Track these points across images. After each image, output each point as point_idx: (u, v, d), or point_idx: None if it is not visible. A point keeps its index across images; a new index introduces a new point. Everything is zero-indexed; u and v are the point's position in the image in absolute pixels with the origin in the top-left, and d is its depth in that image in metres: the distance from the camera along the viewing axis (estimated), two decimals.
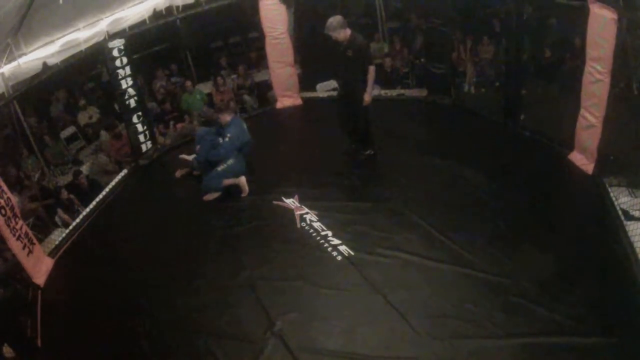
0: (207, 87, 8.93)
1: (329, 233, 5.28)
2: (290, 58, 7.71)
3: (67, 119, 8.51)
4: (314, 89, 8.42)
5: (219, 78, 8.67)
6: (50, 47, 5.96)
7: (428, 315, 4.27)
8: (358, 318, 4.34)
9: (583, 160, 5.83)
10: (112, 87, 6.85)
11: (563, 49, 7.59)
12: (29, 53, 5.80)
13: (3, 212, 4.81)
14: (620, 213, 5.08)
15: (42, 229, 6.15)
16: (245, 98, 8.59)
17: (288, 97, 8.03)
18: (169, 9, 7.22)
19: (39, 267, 5.33)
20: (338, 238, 5.19)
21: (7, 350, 4.46)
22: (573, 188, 5.72)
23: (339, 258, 4.98)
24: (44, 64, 5.88)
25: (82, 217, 6.22)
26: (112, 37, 6.47)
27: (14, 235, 4.94)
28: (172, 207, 6.17)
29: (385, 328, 4.22)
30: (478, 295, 4.38)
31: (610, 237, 4.86)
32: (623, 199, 5.24)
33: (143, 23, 6.82)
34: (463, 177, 5.87)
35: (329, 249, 5.09)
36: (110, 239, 5.85)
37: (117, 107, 7.53)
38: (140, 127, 7.00)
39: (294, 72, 7.90)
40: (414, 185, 5.82)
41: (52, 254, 5.69)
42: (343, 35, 5.59)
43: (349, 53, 5.62)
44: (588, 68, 5.37)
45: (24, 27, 5.53)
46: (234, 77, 9.00)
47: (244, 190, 6.06)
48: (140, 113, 6.96)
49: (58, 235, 6.02)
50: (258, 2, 7.33)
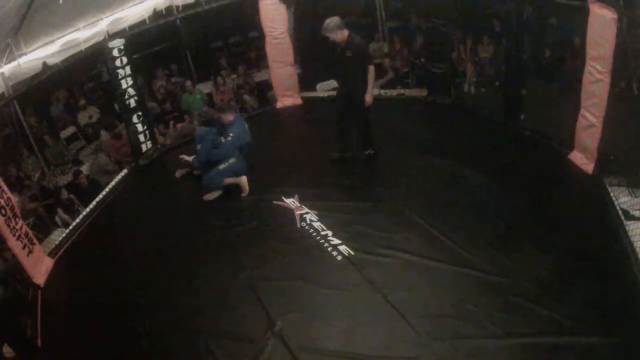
0: (207, 87, 8.93)
1: (329, 233, 5.28)
2: (290, 58, 7.71)
3: (67, 119, 8.50)
4: (314, 89, 8.42)
5: (219, 78, 8.68)
6: (50, 47, 5.97)
7: (428, 315, 4.27)
8: (358, 318, 4.34)
9: (583, 160, 5.83)
10: (112, 87, 6.85)
11: (563, 49, 7.59)
12: (29, 53, 5.81)
13: (3, 212, 4.81)
14: (620, 213, 5.08)
15: (42, 229, 6.15)
16: (245, 98, 8.59)
17: (288, 97, 8.03)
18: (169, 9, 7.23)
19: (39, 267, 5.33)
20: (338, 238, 5.19)
21: (7, 350, 4.45)
22: (573, 188, 5.72)
23: (339, 258, 4.98)
24: (44, 64, 5.89)
25: (82, 217, 6.22)
26: (112, 37, 6.47)
27: (14, 235, 4.95)
28: (172, 207, 6.17)
29: (385, 328, 4.22)
30: (478, 295, 4.38)
31: (610, 237, 4.86)
32: (623, 199, 5.23)
33: (143, 23, 6.83)
34: (463, 177, 5.87)
35: (329, 249, 5.09)
36: (110, 239, 5.85)
37: (117, 107, 7.53)
38: (140, 127, 7.00)
39: (294, 72, 7.91)
40: (414, 185, 5.82)
41: (52, 254, 5.69)
42: (341, 36, 5.58)
43: (348, 54, 5.61)
44: (588, 68, 5.37)
45: (24, 27, 5.54)
46: (234, 77, 9.00)
47: (244, 190, 6.06)
48: (140, 113, 6.96)
49: (58, 235, 6.02)
50: (258, 2, 7.33)
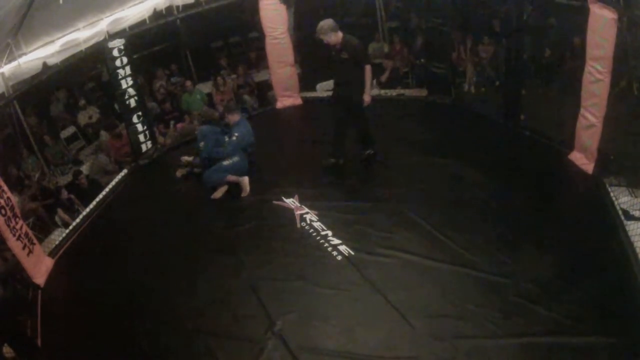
0: (207, 87, 8.93)
1: (329, 233, 5.28)
2: (290, 58, 7.71)
3: (67, 119, 8.50)
4: (314, 89, 8.42)
5: (219, 78, 8.68)
6: (50, 47, 5.97)
7: (428, 315, 4.27)
8: (358, 318, 4.34)
9: (583, 160, 5.83)
10: (112, 87, 6.85)
11: (563, 49, 7.59)
12: (29, 53, 5.81)
13: (3, 212, 4.81)
14: (620, 213, 5.08)
15: (42, 229, 6.15)
16: (245, 98, 8.58)
17: (288, 97, 8.03)
18: (169, 9, 7.23)
19: (39, 267, 5.33)
20: (338, 238, 5.19)
21: (7, 350, 4.45)
22: (573, 188, 5.72)
23: (339, 258, 4.98)
24: (44, 64, 5.90)
25: (82, 217, 6.23)
26: (112, 37, 6.47)
27: (14, 235, 4.95)
28: (172, 207, 6.17)
29: (385, 328, 4.22)
30: (478, 295, 4.38)
31: (610, 237, 4.86)
32: (623, 199, 5.23)
33: (143, 23, 6.83)
34: (463, 176, 5.87)
35: (329, 249, 5.09)
36: (110, 239, 5.85)
37: (117, 107, 7.53)
38: (140, 127, 7.00)
39: (294, 72, 7.91)
40: (414, 185, 5.82)
41: (52, 254, 5.69)
42: (335, 38, 5.57)
43: (344, 55, 5.60)
44: (588, 68, 5.37)
45: (24, 27, 5.54)
46: (234, 77, 9.00)
47: (245, 191, 6.06)
48: (140, 113, 6.96)
49: (58, 235, 6.03)
50: (258, 2, 7.33)
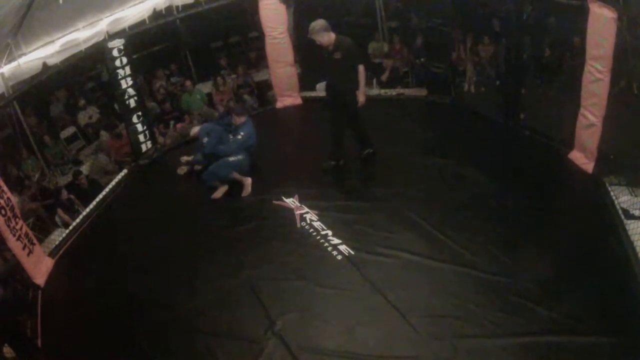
0: (207, 87, 8.93)
1: (329, 232, 5.28)
2: (290, 58, 7.71)
3: (67, 119, 8.50)
4: (314, 89, 8.41)
5: (219, 78, 8.68)
6: (50, 47, 5.97)
7: (428, 315, 4.27)
8: (358, 318, 4.34)
9: (583, 159, 5.83)
10: (112, 87, 6.85)
11: (563, 48, 7.59)
12: (29, 53, 5.81)
13: (3, 212, 4.81)
14: (621, 212, 5.07)
15: (42, 229, 6.15)
16: (245, 98, 8.58)
17: (288, 97, 8.03)
18: (169, 9, 7.22)
19: (39, 267, 5.33)
20: (338, 237, 5.19)
21: (7, 350, 4.46)
22: (573, 187, 5.72)
23: (339, 257, 4.98)
24: (44, 64, 5.89)
25: (82, 217, 6.23)
26: (112, 37, 6.47)
27: (14, 236, 4.95)
28: (172, 207, 6.16)
29: (385, 328, 4.22)
30: (478, 295, 4.38)
31: (610, 236, 4.86)
32: (623, 198, 5.23)
33: (143, 23, 6.83)
34: (463, 176, 5.87)
35: (329, 249, 5.09)
36: (110, 239, 5.85)
37: (117, 107, 7.53)
38: (140, 127, 7.00)
39: (294, 72, 7.90)
40: (414, 185, 5.82)
41: (52, 254, 5.69)
42: (327, 39, 5.54)
43: (337, 55, 5.56)
44: (588, 67, 5.37)
45: (24, 27, 5.54)
46: (234, 76, 9.00)
47: (246, 191, 6.06)
48: (140, 113, 6.96)
49: (58, 235, 6.03)
50: (258, 2, 7.33)
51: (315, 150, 6.57)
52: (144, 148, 7.15)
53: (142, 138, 7.08)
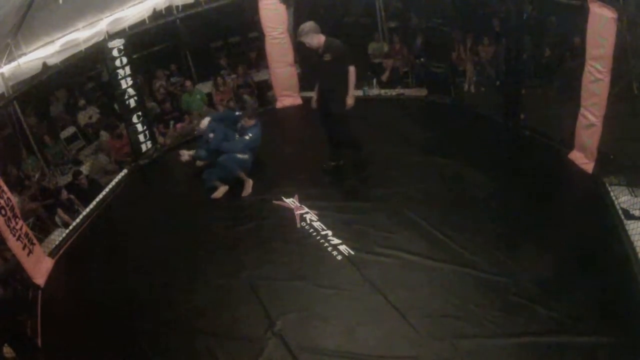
0: (207, 87, 8.93)
1: (329, 232, 5.28)
2: (290, 58, 7.71)
3: (67, 119, 8.50)
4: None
5: (219, 78, 8.68)
6: (50, 47, 5.97)
7: (428, 315, 4.27)
8: (358, 318, 4.34)
9: (583, 159, 5.83)
10: (112, 87, 6.85)
11: (563, 48, 7.59)
12: (29, 53, 5.81)
13: (3, 212, 4.81)
14: (621, 212, 5.07)
15: (42, 229, 6.15)
16: (245, 98, 8.58)
17: (288, 97, 8.02)
18: (169, 9, 7.23)
19: (39, 267, 5.33)
20: (338, 237, 5.19)
21: (7, 350, 4.46)
22: (573, 187, 5.72)
23: (339, 258, 4.98)
24: (44, 64, 5.89)
25: (82, 217, 6.23)
26: (112, 37, 6.48)
27: (14, 236, 4.95)
28: (172, 207, 6.16)
29: (385, 328, 4.22)
30: (478, 295, 4.38)
31: (610, 236, 4.86)
32: (623, 198, 5.23)
33: (143, 23, 6.83)
34: (463, 176, 5.87)
35: (329, 249, 5.09)
36: (110, 239, 5.86)
37: (117, 107, 7.53)
38: (140, 127, 7.01)
39: (294, 72, 7.90)
40: (414, 185, 5.82)
41: (52, 254, 5.69)
42: (317, 41, 5.45)
43: (327, 57, 5.46)
44: (588, 67, 5.36)
45: (24, 27, 5.54)
46: (234, 77, 9.00)
47: (246, 191, 6.06)
48: (140, 113, 6.96)
49: (58, 235, 6.03)
50: (258, 2, 7.33)
51: (315, 150, 6.57)
52: (144, 148, 7.15)
53: (142, 138, 7.08)
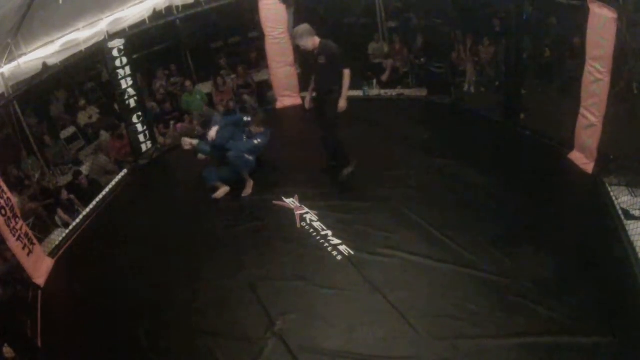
0: (207, 87, 8.93)
1: (329, 233, 5.28)
2: (290, 58, 7.71)
3: (67, 119, 8.50)
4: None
5: (219, 78, 8.68)
6: (50, 47, 5.97)
7: (428, 315, 4.27)
8: (358, 318, 4.34)
9: (583, 160, 5.83)
10: (112, 87, 6.85)
11: (563, 48, 7.59)
12: (29, 53, 5.81)
13: (3, 212, 4.82)
14: (621, 212, 5.07)
15: (42, 229, 6.15)
16: (245, 98, 8.58)
17: (288, 97, 8.03)
18: (169, 9, 7.22)
19: (39, 267, 5.34)
20: (338, 238, 5.19)
21: (7, 351, 4.45)
22: (573, 187, 5.72)
23: (339, 258, 4.97)
24: (44, 64, 5.89)
25: (82, 217, 6.24)
26: (112, 37, 6.48)
27: (14, 236, 4.95)
28: (172, 207, 6.17)
29: (385, 328, 4.22)
30: (478, 295, 4.38)
31: (610, 236, 4.86)
32: (623, 198, 5.23)
33: (143, 23, 6.83)
34: (463, 176, 5.86)
35: (329, 249, 5.09)
36: (111, 239, 5.85)
37: (117, 107, 7.54)
38: (140, 127, 7.01)
39: (294, 72, 7.90)
40: (414, 185, 5.82)
41: (52, 254, 5.70)
42: (312, 43, 5.43)
43: (322, 60, 5.45)
44: (588, 67, 5.37)
45: (24, 27, 5.54)
46: (234, 77, 9.00)
47: (246, 191, 6.06)
48: (140, 113, 6.96)
49: (58, 235, 6.04)
50: (258, 2, 7.33)
51: (315, 151, 6.55)
52: (144, 148, 7.15)
53: (142, 138, 7.08)
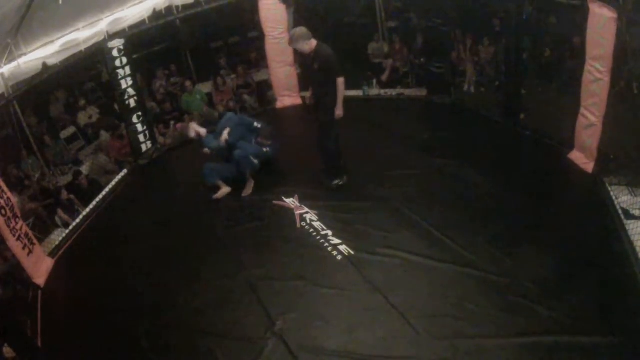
0: (207, 87, 8.93)
1: (329, 232, 5.28)
2: (290, 58, 7.70)
3: (67, 119, 8.50)
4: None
5: (219, 78, 8.68)
6: (50, 47, 5.97)
7: (428, 315, 4.27)
8: (358, 318, 4.34)
9: (583, 159, 5.83)
10: (112, 87, 6.85)
11: (563, 48, 7.59)
12: (29, 53, 5.81)
13: (3, 212, 4.82)
14: (621, 212, 5.07)
15: (42, 229, 6.15)
16: (245, 98, 8.58)
17: (288, 97, 8.03)
18: (169, 9, 7.22)
19: (39, 267, 5.34)
20: (338, 237, 5.19)
21: (7, 351, 4.45)
22: (573, 187, 5.72)
23: (339, 258, 4.98)
24: (44, 64, 5.89)
25: (82, 217, 6.24)
26: (112, 37, 6.48)
27: (14, 236, 4.95)
28: (171, 207, 6.17)
29: (385, 328, 4.22)
30: (478, 295, 4.38)
31: (611, 236, 4.86)
32: (623, 198, 5.23)
33: (143, 23, 6.83)
34: (463, 176, 5.87)
35: (329, 249, 5.09)
36: (111, 239, 5.85)
37: (117, 107, 7.54)
38: (140, 127, 7.01)
39: (294, 72, 7.90)
40: (414, 185, 5.82)
41: (52, 254, 5.70)
42: (308, 47, 5.24)
43: (316, 66, 5.29)
44: (588, 67, 5.37)
45: (24, 27, 5.54)
46: (234, 77, 9.00)
47: (246, 191, 6.06)
48: (140, 113, 6.96)
49: (58, 235, 6.04)
50: (258, 2, 7.33)
51: (315, 151, 6.57)
52: (144, 148, 7.15)
53: (142, 138, 7.08)
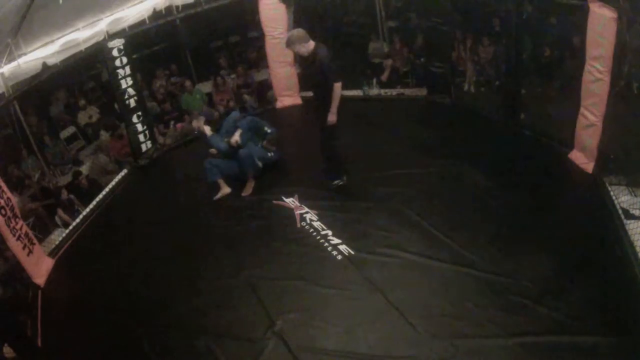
0: (207, 87, 8.93)
1: (329, 232, 5.28)
2: (290, 58, 7.69)
3: (67, 119, 8.50)
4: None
5: (219, 78, 8.68)
6: (50, 47, 5.97)
7: (428, 315, 4.27)
8: (358, 318, 4.34)
9: (583, 159, 5.83)
10: (112, 87, 6.85)
11: (563, 48, 7.59)
12: (29, 53, 5.82)
13: (3, 212, 4.82)
14: (621, 212, 5.07)
15: (42, 229, 6.16)
16: (245, 98, 8.59)
17: (288, 97, 8.03)
18: (169, 9, 7.22)
19: (39, 267, 5.34)
20: (338, 237, 5.19)
21: (7, 350, 4.46)
22: (573, 187, 5.71)
23: (339, 257, 4.98)
24: (44, 64, 5.89)
25: (82, 217, 6.24)
26: (112, 37, 6.48)
27: (14, 235, 4.95)
28: (172, 207, 6.17)
29: (385, 327, 4.22)
30: (478, 295, 4.38)
31: (610, 236, 4.85)
32: (623, 198, 5.23)
33: (143, 23, 6.83)
34: (463, 176, 5.87)
35: (329, 249, 5.09)
36: (110, 239, 5.85)
37: (117, 107, 7.54)
38: (140, 127, 7.01)
39: (294, 71, 7.90)
40: (414, 185, 5.81)
41: (52, 254, 5.70)
42: (305, 50, 5.14)
43: (313, 68, 5.22)
44: (588, 67, 5.36)
45: (24, 27, 5.54)
46: (234, 76, 9.00)
47: (246, 191, 6.07)
48: (140, 113, 6.96)
49: (58, 235, 6.04)
50: (258, 2, 7.33)
51: (315, 151, 6.55)
52: (144, 148, 7.15)
53: (142, 138, 7.08)
